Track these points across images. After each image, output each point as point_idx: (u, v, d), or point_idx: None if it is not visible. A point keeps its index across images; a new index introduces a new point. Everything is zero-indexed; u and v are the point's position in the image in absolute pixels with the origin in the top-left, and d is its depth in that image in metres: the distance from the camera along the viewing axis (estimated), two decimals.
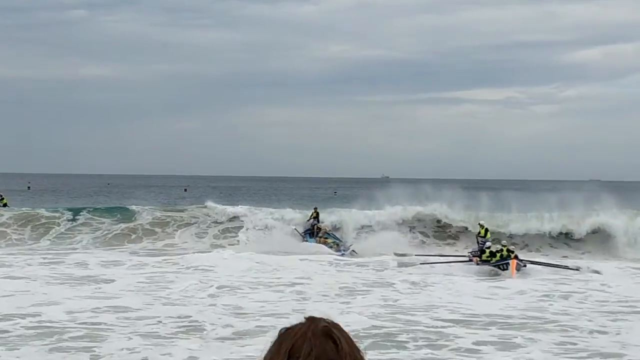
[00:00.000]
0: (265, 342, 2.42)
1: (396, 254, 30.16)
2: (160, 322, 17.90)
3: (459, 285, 24.62)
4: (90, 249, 36.51)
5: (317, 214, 38.84)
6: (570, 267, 27.30)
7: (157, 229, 39.87)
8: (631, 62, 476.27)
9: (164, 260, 30.33)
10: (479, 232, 29.90)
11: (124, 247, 37.28)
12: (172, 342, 16.03)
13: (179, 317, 18.41)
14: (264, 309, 19.81)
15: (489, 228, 30.98)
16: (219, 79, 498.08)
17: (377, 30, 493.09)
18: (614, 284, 24.32)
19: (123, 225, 40.26)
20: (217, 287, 23.33)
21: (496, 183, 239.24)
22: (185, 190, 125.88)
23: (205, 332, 17.04)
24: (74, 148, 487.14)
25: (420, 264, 28.54)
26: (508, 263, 26.26)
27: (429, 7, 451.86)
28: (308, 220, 38.82)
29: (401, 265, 28.66)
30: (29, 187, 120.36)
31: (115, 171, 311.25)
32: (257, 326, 17.57)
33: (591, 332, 17.48)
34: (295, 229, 38.55)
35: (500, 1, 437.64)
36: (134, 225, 40.11)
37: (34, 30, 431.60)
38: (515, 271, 25.95)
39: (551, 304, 21.33)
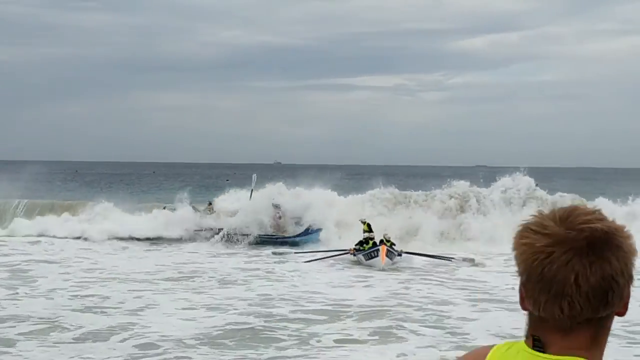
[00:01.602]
0: None
1: (274, 253, 28.57)
2: None
3: (320, 275, 24.10)
4: None
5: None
6: (446, 258, 26.29)
7: None
8: (516, 50, 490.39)
9: None
10: (364, 229, 28.19)
11: None
12: None
13: None
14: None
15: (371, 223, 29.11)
16: (108, 63, 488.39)
17: (268, 16, 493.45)
18: (490, 276, 23.83)
19: None
20: None
21: (386, 169, 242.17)
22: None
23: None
24: None
25: (294, 252, 28.19)
26: (378, 249, 25.00)
27: None
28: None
29: (275, 254, 28.19)
30: None
31: (4, 157, 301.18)
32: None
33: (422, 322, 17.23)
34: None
35: None
36: None
37: None
38: (385, 258, 24.64)
39: (406, 294, 21.01)
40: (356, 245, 26.60)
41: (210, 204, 35.56)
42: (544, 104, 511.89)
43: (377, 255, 24.76)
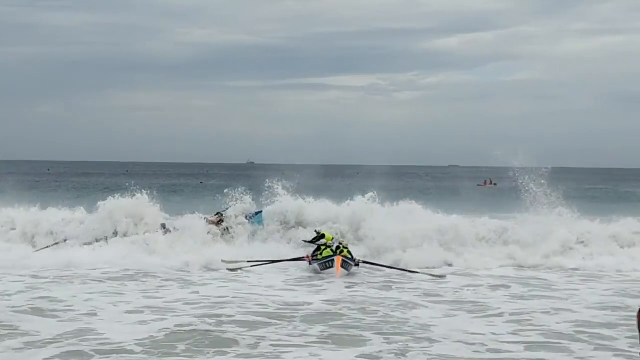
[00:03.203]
0: None
1: (224, 261, 25.51)
2: None
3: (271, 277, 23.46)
4: None
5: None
6: (410, 270, 24.52)
7: None
8: (490, 50, 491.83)
9: None
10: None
11: None
12: None
13: None
14: None
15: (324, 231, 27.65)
16: (80, 62, 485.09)
17: (242, 16, 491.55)
18: (451, 286, 22.70)
19: None
20: None
21: (360, 168, 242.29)
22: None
23: None
24: None
25: (251, 266, 25.01)
26: (333, 260, 23.78)
27: None
28: None
29: (231, 270, 24.84)
30: None
31: None
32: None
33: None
34: None
35: None
36: None
37: None
38: (340, 269, 23.49)
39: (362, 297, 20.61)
40: (314, 252, 25.34)
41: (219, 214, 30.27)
42: (518, 103, 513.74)
43: (332, 266, 23.68)
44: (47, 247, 27.39)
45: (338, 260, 23.65)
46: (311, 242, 26.64)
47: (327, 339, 15.41)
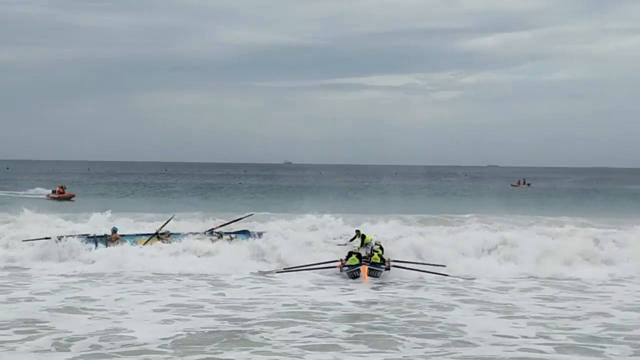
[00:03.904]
0: None
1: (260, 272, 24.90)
2: None
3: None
4: None
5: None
6: (441, 273, 23.90)
7: None
8: (528, 49, 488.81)
9: None
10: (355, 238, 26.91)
11: None
12: None
13: None
14: None
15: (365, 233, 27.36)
16: (122, 63, 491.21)
17: (278, 16, 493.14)
18: (479, 288, 22.48)
19: None
20: None
21: (397, 169, 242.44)
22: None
23: None
24: None
25: (277, 272, 24.45)
26: (359, 270, 23.36)
27: None
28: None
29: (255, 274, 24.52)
30: None
31: (16, 156, 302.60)
32: None
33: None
34: None
35: None
36: None
37: None
38: (367, 277, 23.10)
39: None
40: (347, 256, 24.63)
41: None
42: (557, 103, 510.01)
43: (359, 275, 23.39)
44: (38, 239, 27.14)
45: (364, 269, 23.36)
46: (346, 244, 26.71)
47: (354, 340, 15.38)
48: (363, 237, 26.59)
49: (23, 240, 27.18)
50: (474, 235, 28.77)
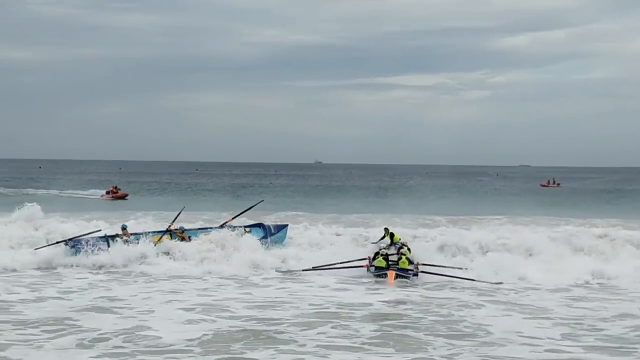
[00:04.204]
0: None
1: (278, 271, 24.61)
2: None
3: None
4: None
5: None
6: (470, 278, 23.06)
7: None
8: (561, 48, 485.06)
9: None
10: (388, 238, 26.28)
11: None
12: None
13: None
14: None
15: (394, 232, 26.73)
16: (149, 63, 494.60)
17: (307, 16, 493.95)
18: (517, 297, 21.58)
19: None
20: None
21: (428, 168, 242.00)
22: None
23: None
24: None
25: (303, 270, 24.15)
26: (386, 274, 23.01)
27: None
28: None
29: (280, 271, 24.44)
30: None
31: (47, 155, 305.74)
32: None
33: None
34: None
35: None
36: None
37: None
38: (393, 281, 22.65)
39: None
40: (374, 256, 24.41)
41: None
42: (591, 102, 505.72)
43: (386, 278, 23.07)
44: (49, 245, 26.14)
45: (391, 275, 22.98)
46: (376, 242, 26.55)
47: (381, 340, 15.35)
48: (392, 235, 26.35)
49: (35, 249, 25.83)
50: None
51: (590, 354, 14.41)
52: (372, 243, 26.93)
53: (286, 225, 28.42)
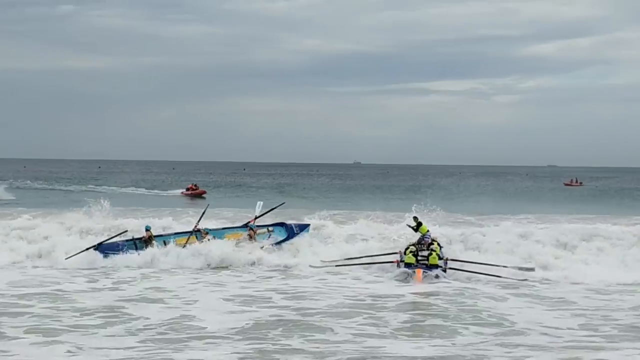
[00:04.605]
0: None
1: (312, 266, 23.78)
2: None
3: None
4: None
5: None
6: (499, 265, 22.30)
7: None
8: (587, 55, 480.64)
9: None
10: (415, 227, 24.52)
11: None
12: None
13: None
14: None
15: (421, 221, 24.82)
16: (201, 71, 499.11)
17: (347, 26, 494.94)
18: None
19: None
20: None
21: (460, 167, 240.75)
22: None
23: None
24: (68, 135, 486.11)
25: (336, 265, 23.49)
26: (414, 272, 21.80)
27: (396, 4, 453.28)
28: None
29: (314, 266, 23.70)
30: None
31: (105, 156, 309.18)
32: None
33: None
34: None
35: None
36: None
37: (27, 24, 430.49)
38: (421, 278, 21.55)
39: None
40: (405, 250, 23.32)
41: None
42: (615, 106, 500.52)
43: (414, 275, 21.99)
44: (80, 252, 24.48)
45: (418, 273, 21.75)
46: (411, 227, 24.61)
47: (411, 329, 15.37)
48: (419, 224, 24.45)
49: (66, 258, 24.11)
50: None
51: (609, 343, 14.30)
52: (408, 225, 25.01)
53: (308, 225, 26.88)
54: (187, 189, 66.56)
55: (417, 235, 24.04)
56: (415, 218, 24.71)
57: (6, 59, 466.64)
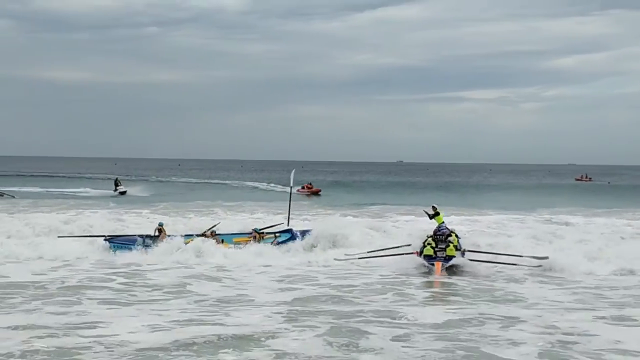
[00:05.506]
0: None
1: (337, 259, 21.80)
2: None
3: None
4: None
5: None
6: (516, 255, 20.65)
7: None
8: (602, 68, 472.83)
9: None
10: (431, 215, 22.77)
11: None
12: None
13: None
14: None
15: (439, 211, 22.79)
16: (266, 82, 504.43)
17: (392, 43, 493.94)
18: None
19: None
20: None
21: (490, 166, 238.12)
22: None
23: None
24: (151, 137, 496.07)
25: (359, 258, 21.51)
26: (433, 264, 19.76)
27: (436, 24, 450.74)
28: None
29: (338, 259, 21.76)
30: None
31: (185, 156, 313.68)
32: None
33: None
34: None
35: (492, 18, 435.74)
36: None
37: (117, 44, 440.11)
38: (440, 271, 19.48)
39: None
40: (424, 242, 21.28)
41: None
42: (628, 112, 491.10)
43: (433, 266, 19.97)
44: (75, 235, 23.50)
45: (437, 266, 19.73)
46: (428, 215, 22.96)
47: (432, 301, 15.49)
48: (437, 214, 22.59)
49: (59, 237, 22.91)
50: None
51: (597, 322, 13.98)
52: (425, 211, 23.36)
53: (310, 230, 24.36)
54: (303, 187, 63.91)
55: (433, 226, 22.15)
56: (434, 207, 22.91)
57: (101, 73, 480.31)
